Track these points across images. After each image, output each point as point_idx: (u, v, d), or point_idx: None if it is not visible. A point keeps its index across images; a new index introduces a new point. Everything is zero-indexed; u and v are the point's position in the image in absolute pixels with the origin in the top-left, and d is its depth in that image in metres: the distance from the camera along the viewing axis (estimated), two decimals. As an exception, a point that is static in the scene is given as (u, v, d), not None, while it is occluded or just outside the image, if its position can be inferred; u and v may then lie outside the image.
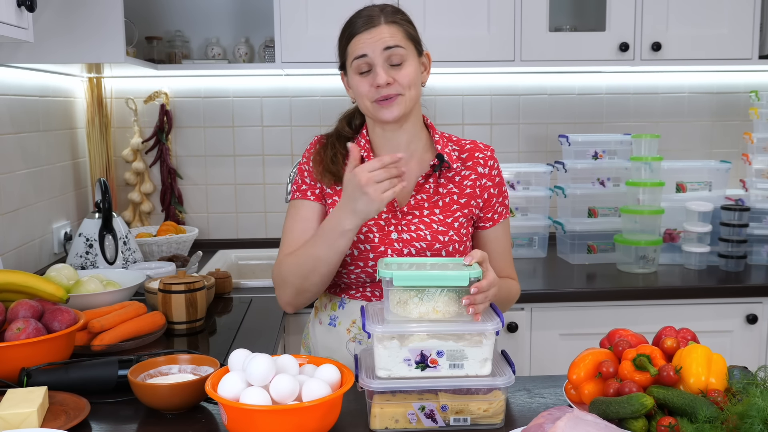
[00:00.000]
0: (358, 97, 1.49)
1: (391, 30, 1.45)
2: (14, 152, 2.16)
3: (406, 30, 1.48)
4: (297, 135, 2.82)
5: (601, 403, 1.09)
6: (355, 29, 1.46)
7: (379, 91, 1.43)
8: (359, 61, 1.44)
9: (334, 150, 1.54)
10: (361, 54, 1.44)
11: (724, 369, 1.11)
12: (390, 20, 1.46)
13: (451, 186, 1.53)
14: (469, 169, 1.54)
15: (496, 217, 1.56)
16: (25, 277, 1.51)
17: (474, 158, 1.55)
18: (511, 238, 1.62)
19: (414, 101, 1.48)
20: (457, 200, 1.52)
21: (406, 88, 1.45)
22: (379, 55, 1.43)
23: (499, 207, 1.57)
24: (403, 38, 1.46)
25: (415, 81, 1.46)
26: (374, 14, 1.46)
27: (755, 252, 2.48)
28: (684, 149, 2.91)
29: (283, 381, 1.09)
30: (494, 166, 1.56)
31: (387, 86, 1.43)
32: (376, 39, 1.43)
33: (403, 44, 1.45)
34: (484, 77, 2.82)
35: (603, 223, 2.56)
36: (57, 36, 2.05)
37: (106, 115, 2.71)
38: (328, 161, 1.53)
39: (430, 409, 1.16)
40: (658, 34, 2.49)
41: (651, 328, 1.45)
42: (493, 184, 1.55)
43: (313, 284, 1.46)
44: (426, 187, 1.52)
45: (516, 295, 1.59)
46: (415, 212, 1.50)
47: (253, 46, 2.77)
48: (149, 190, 2.81)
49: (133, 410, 1.26)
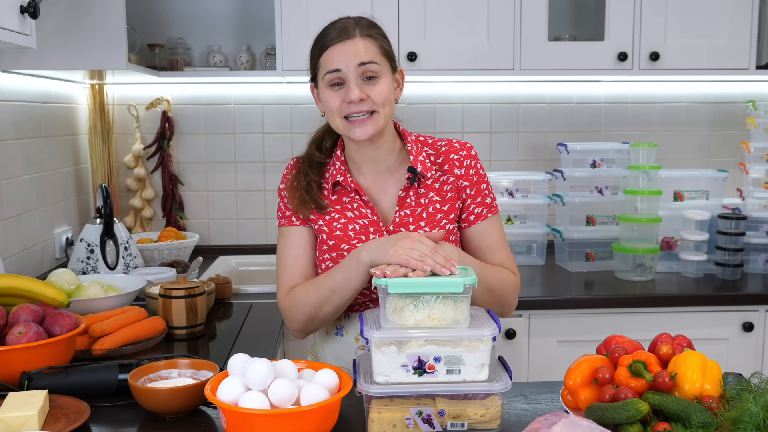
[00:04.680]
0: (329, 113, 1.45)
1: (366, 44, 1.40)
2: (17, 158, 2.18)
3: (381, 45, 1.44)
4: (298, 142, 2.84)
5: (597, 409, 1.10)
6: (329, 41, 1.41)
7: (350, 107, 1.40)
8: (332, 75, 1.40)
9: (307, 179, 1.51)
10: (334, 68, 1.40)
11: (719, 375, 1.12)
12: (365, 34, 1.42)
13: (432, 194, 1.50)
14: (446, 173, 1.51)
15: (472, 219, 1.51)
16: (26, 282, 1.51)
17: (450, 161, 1.51)
18: (502, 234, 1.55)
19: (388, 118, 1.45)
20: (440, 208, 1.50)
21: (380, 106, 1.41)
22: (353, 71, 1.39)
23: (477, 208, 1.52)
24: (377, 54, 1.42)
25: (388, 98, 1.43)
26: (349, 26, 1.42)
27: (752, 260, 2.50)
28: (681, 158, 2.93)
29: (282, 385, 1.10)
30: (471, 165, 1.51)
31: (360, 102, 1.40)
32: (351, 53, 1.39)
33: (378, 60, 1.41)
34: (483, 86, 2.84)
35: (601, 231, 2.57)
36: (60, 43, 2.06)
37: (108, 122, 2.73)
38: (303, 191, 1.50)
39: (428, 414, 1.17)
40: (657, 44, 2.51)
41: (648, 335, 1.46)
42: (470, 183, 1.51)
43: (325, 314, 1.44)
44: (408, 201, 1.50)
45: (512, 286, 1.51)
46: (401, 229, 1.48)
47: (255, 53, 2.79)
48: (150, 196, 2.82)
49: (133, 414, 1.27)
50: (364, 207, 1.50)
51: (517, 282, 1.54)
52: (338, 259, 1.46)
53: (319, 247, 1.52)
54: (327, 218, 1.50)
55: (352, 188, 1.50)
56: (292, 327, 1.50)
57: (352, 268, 1.37)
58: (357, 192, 1.50)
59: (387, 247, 1.30)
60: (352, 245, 1.47)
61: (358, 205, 1.50)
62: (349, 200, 1.51)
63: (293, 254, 1.52)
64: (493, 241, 1.53)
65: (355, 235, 1.48)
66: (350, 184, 1.49)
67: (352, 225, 1.49)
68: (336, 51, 1.40)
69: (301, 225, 1.53)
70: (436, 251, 1.27)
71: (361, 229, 1.49)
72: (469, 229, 1.53)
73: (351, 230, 1.49)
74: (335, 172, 1.51)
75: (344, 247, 1.48)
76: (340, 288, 1.40)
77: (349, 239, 1.48)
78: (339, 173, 1.50)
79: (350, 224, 1.49)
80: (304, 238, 1.53)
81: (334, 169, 1.52)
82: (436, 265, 1.24)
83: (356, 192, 1.50)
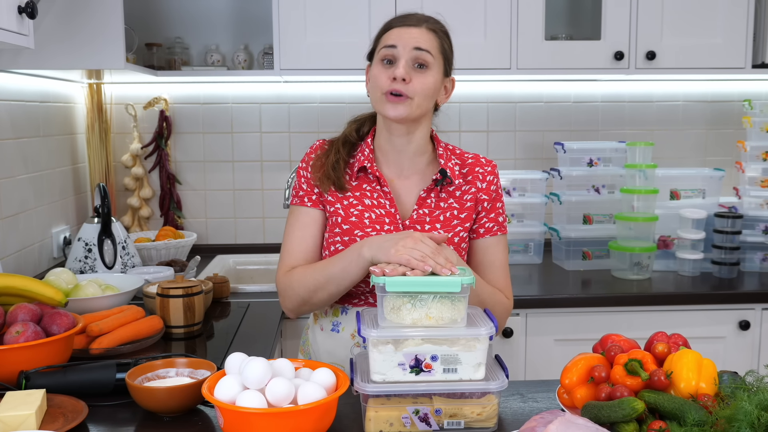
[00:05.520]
0: (372, 88, 1.48)
1: (427, 35, 1.46)
2: (14, 157, 2.18)
3: (441, 43, 1.49)
4: (295, 141, 2.84)
5: (593, 407, 1.10)
6: (394, 22, 1.49)
7: (393, 84, 1.43)
8: (387, 50, 1.45)
9: (337, 156, 1.53)
10: (391, 44, 1.45)
11: (714, 374, 1.13)
12: (430, 27, 1.48)
13: (452, 201, 1.53)
14: (469, 183, 1.54)
15: (482, 231, 1.54)
16: (24, 281, 1.52)
17: (474, 173, 1.55)
18: (505, 256, 1.58)
19: (422, 111, 1.47)
20: (457, 215, 1.52)
21: (419, 95, 1.44)
22: (408, 51, 1.44)
23: (489, 223, 1.55)
24: (435, 48, 1.47)
25: (430, 92, 1.46)
26: (418, 17, 1.49)
27: (748, 259, 2.50)
28: (678, 157, 2.94)
29: (279, 384, 1.10)
30: (492, 182, 1.56)
31: (402, 82, 1.43)
32: (410, 36, 1.45)
33: (434, 53, 1.46)
34: (480, 85, 2.84)
35: (598, 229, 2.58)
36: (57, 42, 2.06)
37: (105, 121, 2.73)
38: (329, 167, 1.52)
39: (424, 413, 1.18)
40: (653, 43, 2.51)
41: (645, 333, 1.47)
42: (488, 198, 1.55)
43: (320, 299, 1.47)
44: (428, 201, 1.52)
45: (502, 308, 1.53)
46: (416, 226, 1.50)
47: (252, 53, 2.79)
48: (148, 196, 2.82)
49: (131, 413, 1.27)
50: (383, 197, 1.52)
51: (509, 306, 1.56)
52: (349, 244, 1.47)
53: (331, 230, 1.52)
54: (345, 203, 1.52)
55: (375, 177, 1.52)
56: (286, 306, 1.53)
57: (351, 261, 1.39)
58: (379, 181, 1.52)
59: (389, 245, 1.31)
60: (365, 233, 1.48)
61: (378, 195, 1.52)
62: (370, 188, 1.53)
63: (299, 234, 1.54)
64: (496, 259, 1.56)
65: (371, 223, 1.49)
66: (375, 173, 1.51)
67: (369, 213, 1.50)
68: (398, 31, 1.46)
69: (312, 207, 1.54)
70: (438, 252, 1.27)
71: (377, 218, 1.50)
72: (476, 241, 1.56)
73: (367, 218, 1.50)
74: (362, 158, 1.53)
75: (357, 234, 1.49)
76: (337, 277, 1.42)
77: (364, 227, 1.49)
78: (366, 159, 1.52)
79: (367, 212, 1.50)
80: (313, 220, 1.54)
81: (362, 155, 1.54)
82: (437, 265, 1.24)
83: (378, 181, 1.52)
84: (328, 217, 1.53)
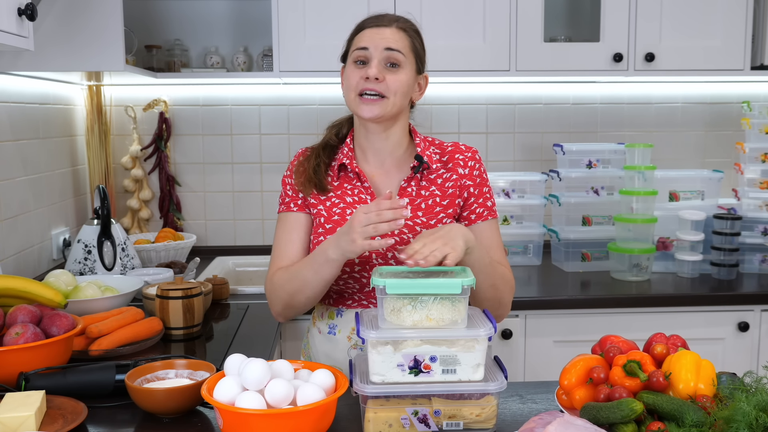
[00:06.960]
0: (346, 89, 1.51)
1: (398, 35, 1.49)
2: (14, 159, 2.18)
3: (413, 42, 1.51)
4: (294, 143, 2.84)
5: (591, 409, 1.10)
6: (366, 23, 1.52)
7: (366, 83, 1.46)
8: (359, 52, 1.48)
9: (317, 160, 1.57)
10: (363, 46, 1.48)
11: (713, 375, 1.13)
12: (401, 27, 1.51)
13: (434, 188, 1.54)
14: (450, 170, 1.55)
15: (473, 218, 1.55)
16: (23, 283, 1.52)
17: (454, 160, 1.56)
18: (499, 238, 1.59)
19: (397, 109, 1.49)
20: (439, 202, 1.53)
21: (393, 93, 1.47)
22: (379, 52, 1.47)
23: (479, 208, 1.56)
24: (406, 47, 1.49)
25: (403, 90, 1.48)
26: (389, 17, 1.52)
27: (747, 260, 2.51)
28: (677, 159, 2.94)
29: (278, 385, 1.10)
30: (475, 167, 1.56)
31: (375, 81, 1.45)
32: (381, 37, 1.48)
33: (405, 52, 1.48)
34: (479, 87, 2.85)
35: (597, 231, 2.58)
36: (57, 44, 2.07)
37: (105, 123, 2.73)
38: (311, 171, 1.55)
39: (423, 414, 1.18)
40: (652, 45, 2.52)
41: (644, 335, 1.47)
42: (473, 184, 1.56)
43: (300, 303, 1.50)
44: (408, 190, 1.54)
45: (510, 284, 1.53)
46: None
47: (252, 55, 2.80)
48: (148, 197, 2.82)
49: (130, 414, 1.28)
50: (364, 193, 1.54)
51: (514, 283, 1.58)
52: None
53: (315, 231, 1.55)
54: (327, 203, 1.54)
55: (356, 173, 1.54)
56: (272, 310, 1.57)
57: (321, 264, 1.42)
58: (359, 178, 1.54)
59: (346, 238, 1.34)
60: None
61: (359, 191, 1.54)
62: (351, 186, 1.55)
63: (286, 238, 1.57)
64: (492, 242, 1.57)
65: None
66: (355, 169, 1.54)
67: (351, 210, 1.53)
68: (369, 32, 1.49)
69: (298, 211, 1.58)
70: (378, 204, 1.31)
71: None
72: (468, 227, 1.54)
73: (349, 215, 1.52)
74: (342, 156, 1.56)
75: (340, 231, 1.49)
76: (312, 281, 1.45)
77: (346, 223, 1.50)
78: (346, 157, 1.55)
79: (349, 209, 1.53)
80: (299, 224, 1.57)
81: (342, 154, 1.57)
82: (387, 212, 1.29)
83: (358, 178, 1.55)
84: (314, 218, 1.56)
